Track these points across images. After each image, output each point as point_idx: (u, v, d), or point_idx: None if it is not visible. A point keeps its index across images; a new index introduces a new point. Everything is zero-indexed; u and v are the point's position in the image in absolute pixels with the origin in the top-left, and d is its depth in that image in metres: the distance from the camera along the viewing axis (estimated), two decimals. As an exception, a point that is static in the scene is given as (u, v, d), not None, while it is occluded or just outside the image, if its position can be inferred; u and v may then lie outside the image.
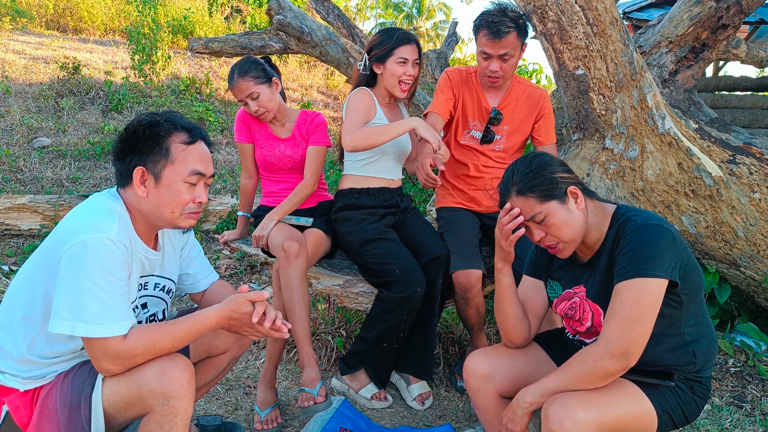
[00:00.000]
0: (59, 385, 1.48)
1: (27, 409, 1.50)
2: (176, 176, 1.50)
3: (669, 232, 1.47)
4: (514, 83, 2.53)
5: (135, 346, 1.41)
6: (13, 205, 4.04)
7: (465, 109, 2.53)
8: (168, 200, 1.50)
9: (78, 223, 1.41)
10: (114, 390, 1.43)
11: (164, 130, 1.49)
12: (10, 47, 8.86)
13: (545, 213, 1.54)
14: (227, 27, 10.86)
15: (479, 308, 2.41)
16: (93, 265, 1.36)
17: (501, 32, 2.24)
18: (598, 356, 1.46)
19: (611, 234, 1.57)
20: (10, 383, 1.50)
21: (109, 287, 1.39)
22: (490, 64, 2.34)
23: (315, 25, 4.70)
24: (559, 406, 1.43)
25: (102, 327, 1.37)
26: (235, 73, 2.45)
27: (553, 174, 1.55)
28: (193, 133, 1.53)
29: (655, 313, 1.44)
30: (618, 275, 1.48)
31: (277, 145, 2.56)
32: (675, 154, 2.71)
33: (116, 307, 1.40)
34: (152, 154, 1.48)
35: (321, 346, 2.80)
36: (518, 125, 2.52)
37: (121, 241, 1.43)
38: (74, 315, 1.36)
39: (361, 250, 2.40)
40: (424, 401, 2.49)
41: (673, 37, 3.02)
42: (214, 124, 6.85)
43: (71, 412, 1.43)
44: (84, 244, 1.36)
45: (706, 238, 2.80)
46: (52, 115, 6.47)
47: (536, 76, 6.74)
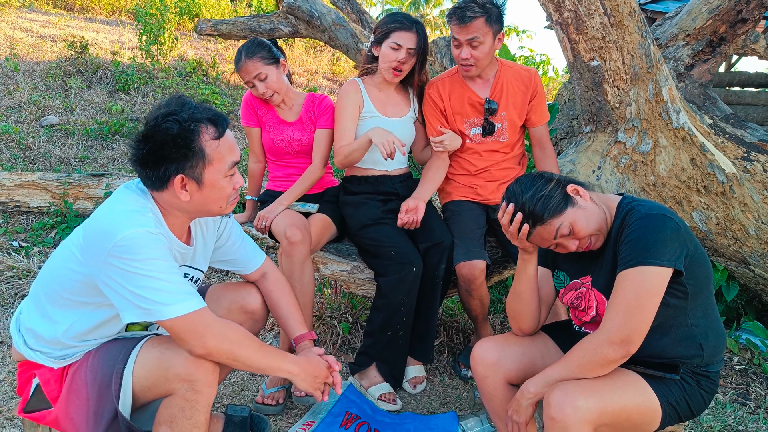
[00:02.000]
0: (89, 361, 1.50)
1: (57, 383, 1.52)
2: (217, 174, 1.49)
3: (673, 221, 1.47)
4: (501, 68, 2.45)
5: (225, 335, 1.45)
6: (23, 182, 4.03)
7: (456, 114, 2.47)
8: (215, 197, 1.51)
9: (113, 222, 1.40)
10: (144, 366, 1.45)
11: (193, 133, 1.44)
12: (18, 25, 8.82)
13: (568, 223, 1.54)
14: (233, 9, 10.81)
15: (483, 299, 2.41)
16: (143, 257, 1.36)
17: (466, 17, 2.23)
18: (599, 344, 1.46)
19: (616, 224, 1.57)
20: (40, 359, 1.52)
21: (165, 273, 1.40)
22: (461, 52, 2.32)
23: (325, 9, 4.66)
24: (560, 393, 1.44)
25: (176, 306, 1.39)
26: (242, 54, 2.42)
27: (551, 190, 1.55)
28: (219, 124, 1.50)
29: (657, 301, 1.44)
30: (621, 264, 1.49)
31: (284, 128, 2.54)
32: (688, 150, 2.69)
33: (180, 287, 1.42)
34: (187, 159, 1.44)
35: (327, 331, 2.81)
36: (515, 109, 2.46)
37: (159, 233, 1.44)
38: (146, 303, 1.37)
39: (359, 233, 2.44)
40: (417, 385, 2.51)
41: (691, 30, 2.98)
42: (220, 107, 6.82)
43: (101, 386, 1.44)
44: (127, 239, 1.36)
45: (716, 235, 2.79)
46: (59, 94, 6.45)
47: (543, 68, 6.70)
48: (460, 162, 2.54)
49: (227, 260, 1.85)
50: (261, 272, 1.88)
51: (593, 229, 1.56)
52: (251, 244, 1.89)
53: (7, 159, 4.87)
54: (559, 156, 2.92)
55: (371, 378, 2.41)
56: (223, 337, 1.44)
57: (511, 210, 1.58)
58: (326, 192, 2.65)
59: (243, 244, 1.86)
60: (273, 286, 1.86)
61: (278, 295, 1.85)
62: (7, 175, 4.11)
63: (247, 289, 1.83)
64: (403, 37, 2.35)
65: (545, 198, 1.54)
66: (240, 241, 1.85)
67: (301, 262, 2.25)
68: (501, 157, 2.51)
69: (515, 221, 1.57)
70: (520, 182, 1.61)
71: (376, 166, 2.53)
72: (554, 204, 1.54)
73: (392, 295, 2.31)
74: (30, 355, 1.53)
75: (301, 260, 2.25)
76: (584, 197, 1.57)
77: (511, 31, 9.17)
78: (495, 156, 2.50)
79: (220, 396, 2.34)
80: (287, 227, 2.26)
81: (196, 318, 1.41)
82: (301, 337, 1.80)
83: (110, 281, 1.38)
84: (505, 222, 1.60)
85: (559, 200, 1.54)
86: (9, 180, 4.04)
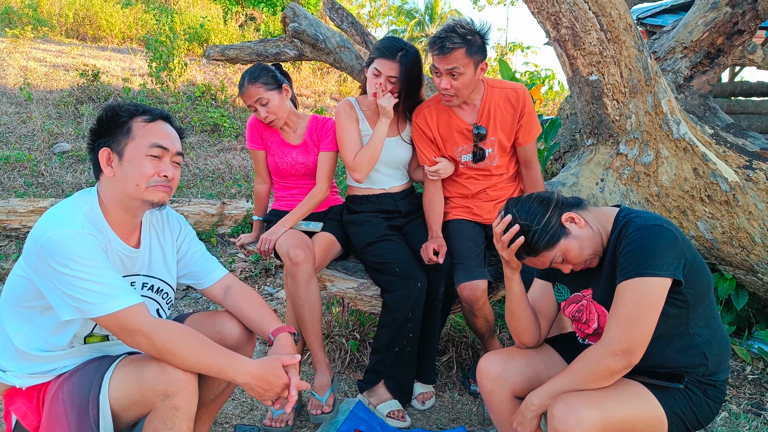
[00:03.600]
0: (65, 386, 1.50)
1: (33, 413, 1.52)
2: (138, 150, 1.53)
3: (669, 232, 1.48)
4: (487, 91, 2.38)
5: (158, 332, 1.43)
6: (35, 208, 4.12)
7: (446, 142, 2.46)
8: (132, 174, 1.53)
9: (43, 225, 1.44)
10: (120, 387, 1.45)
11: (126, 112, 1.55)
12: (32, 55, 9.04)
13: (561, 253, 1.58)
14: (242, 35, 10.99)
15: (488, 317, 2.40)
16: (66, 258, 1.38)
17: (445, 48, 2.17)
18: (601, 355, 1.47)
19: (613, 236, 1.59)
20: (10, 380, 1.52)
21: (92, 271, 1.41)
22: (441, 81, 2.27)
23: (329, 32, 4.75)
24: (564, 405, 1.45)
25: (105, 304, 1.40)
26: (245, 79, 2.46)
27: (545, 223, 1.57)
28: (154, 113, 1.59)
29: (657, 311, 1.45)
30: (619, 275, 1.50)
31: (288, 152, 2.58)
32: (690, 160, 2.71)
33: (110, 284, 1.42)
34: (115, 135, 1.54)
35: (335, 349, 2.82)
36: (504, 132, 2.41)
37: (88, 232, 1.45)
38: (76, 302, 1.40)
39: (363, 251, 2.47)
40: (425, 401, 2.51)
41: (688, 43, 3.02)
42: (228, 129, 6.93)
43: (80, 412, 1.44)
44: (50, 240, 1.39)
45: (722, 243, 2.79)
46: (72, 121, 6.58)
47: (549, 82, 6.75)
48: (455, 186, 2.54)
49: (188, 272, 1.81)
50: (224, 286, 1.81)
51: (587, 255, 1.59)
52: (211, 257, 1.87)
53: (20, 186, 4.97)
54: (562, 169, 2.95)
55: (380, 395, 2.41)
56: (156, 332, 1.42)
57: (507, 220, 1.60)
58: (330, 210, 2.68)
59: (203, 255, 1.83)
60: (237, 295, 1.78)
61: (244, 302, 1.76)
62: (20, 201, 4.19)
63: (221, 319, 1.75)
64: (384, 65, 2.35)
65: (540, 231, 1.56)
66: (200, 252, 1.83)
67: (306, 281, 2.28)
68: (496, 179, 2.50)
69: (510, 231, 1.60)
70: (518, 207, 1.62)
71: (374, 186, 2.56)
72: (548, 237, 1.56)
73: (398, 311, 2.32)
74: (2, 377, 1.53)
75: (305, 280, 2.27)
76: (579, 224, 1.59)
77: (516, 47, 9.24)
78: (490, 179, 2.49)
79: (228, 415, 2.36)
80: (290, 248, 2.28)
81: (127, 315, 1.41)
82: (278, 330, 1.69)
83: (45, 280, 1.41)
84: (499, 231, 1.62)
85: (553, 233, 1.56)
86: (22, 206, 4.13)
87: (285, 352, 1.61)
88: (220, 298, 1.81)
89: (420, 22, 27.79)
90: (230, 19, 11.48)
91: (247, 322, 1.74)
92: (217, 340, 1.63)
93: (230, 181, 5.59)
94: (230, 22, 11.32)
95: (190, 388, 1.45)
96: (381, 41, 2.45)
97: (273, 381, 1.50)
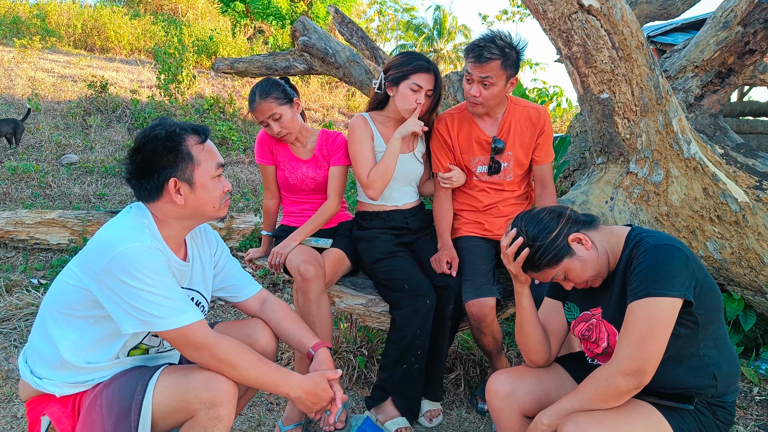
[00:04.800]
0: (104, 392, 1.52)
1: (69, 419, 1.53)
2: (206, 175, 1.59)
3: (681, 252, 1.48)
4: (510, 107, 2.44)
5: (221, 345, 1.50)
6: (43, 219, 4.12)
7: (464, 152, 2.49)
8: (207, 199, 1.60)
9: (111, 238, 1.47)
10: (164, 394, 1.48)
11: (180, 137, 1.58)
12: (40, 66, 9.11)
13: (563, 272, 1.59)
14: (250, 47, 11.07)
15: (495, 335, 2.39)
16: (139, 271, 1.42)
17: (483, 57, 2.22)
18: (611, 375, 1.46)
19: (625, 256, 1.58)
20: (47, 387, 1.54)
21: (163, 285, 1.46)
22: (471, 88, 2.31)
23: (339, 46, 4.77)
24: (573, 426, 1.44)
25: (174, 319, 1.46)
26: (256, 95, 2.45)
27: (551, 240, 1.58)
28: (201, 132, 1.63)
29: (668, 332, 1.44)
30: (630, 295, 1.49)
31: (299, 166, 2.58)
32: (700, 179, 2.70)
33: (179, 299, 1.48)
34: (177, 163, 1.56)
35: (343, 365, 2.81)
36: (522, 148, 2.46)
37: (156, 248, 1.50)
38: (144, 316, 1.44)
39: (372, 267, 2.47)
40: (433, 419, 2.49)
41: (699, 62, 3.02)
42: (236, 143, 6.95)
43: (119, 418, 1.46)
44: (122, 254, 1.42)
45: (731, 264, 2.77)
46: (80, 133, 6.62)
47: (557, 99, 6.77)
48: (466, 198, 2.55)
49: (225, 286, 1.87)
50: (261, 299, 1.90)
51: (588, 276, 1.59)
52: (245, 272, 1.93)
53: (27, 197, 4.98)
54: (572, 187, 2.94)
55: (387, 412, 2.39)
56: (219, 346, 1.50)
57: (512, 234, 1.62)
58: (340, 226, 2.68)
59: (238, 269, 1.90)
60: (276, 308, 1.87)
61: (283, 316, 1.85)
62: (27, 213, 4.20)
63: (253, 325, 1.83)
64: (423, 78, 2.37)
65: (545, 248, 1.57)
66: (235, 266, 1.89)
67: (317, 297, 2.27)
68: (508, 195, 2.51)
69: (515, 244, 1.60)
70: (527, 221, 1.63)
71: (386, 202, 2.56)
72: (551, 255, 1.57)
73: (406, 328, 2.31)
74: (37, 383, 1.55)
75: (316, 296, 2.27)
76: (586, 245, 1.58)
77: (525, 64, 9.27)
78: (502, 193, 2.51)
79: (236, 431, 2.34)
80: (301, 263, 2.28)
81: (192, 330, 1.48)
82: (317, 345, 1.79)
83: (109, 293, 1.44)
84: (505, 244, 1.64)
85: (558, 251, 1.57)
86: (29, 218, 4.13)
87: (326, 367, 1.73)
88: (256, 311, 1.89)
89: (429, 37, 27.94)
90: (239, 32, 11.57)
91: (285, 335, 1.84)
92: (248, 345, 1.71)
93: (238, 195, 5.59)
94: (239, 35, 11.41)
95: (234, 401, 1.51)
96: (405, 57, 2.44)
97: (321, 395, 1.62)
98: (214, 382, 1.48)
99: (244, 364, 1.52)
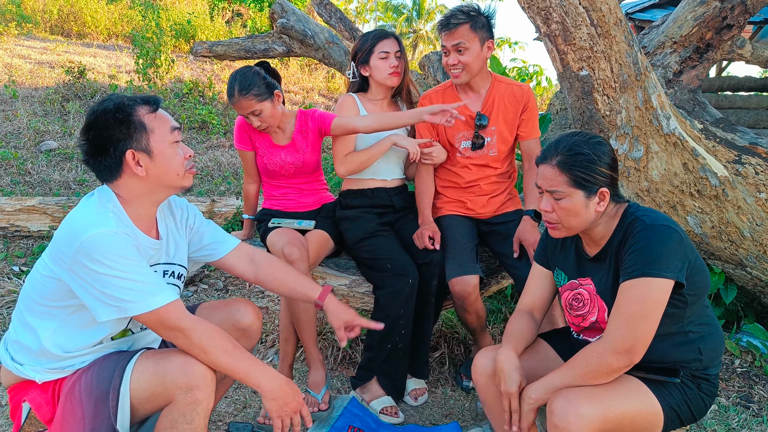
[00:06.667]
0: (83, 378, 1.51)
1: (49, 405, 1.52)
2: (163, 141, 1.55)
3: (677, 233, 1.49)
4: (494, 83, 2.50)
5: (195, 329, 1.48)
6: (23, 207, 4.07)
7: (447, 129, 2.50)
8: (169, 166, 1.56)
9: (76, 226, 1.44)
10: (141, 379, 1.47)
11: (130, 108, 1.54)
12: (16, 52, 8.91)
13: (566, 195, 1.57)
14: (228, 31, 10.92)
15: (479, 313, 2.40)
16: (105, 257, 1.40)
17: (450, 24, 2.33)
18: (602, 352, 1.48)
19: (619, 232, 1.59)
20: (28, 374, 1.53)
21: (130, 269, 1.43)
22: (448, 59, 2.40)
23: (318, 28, 4.72)
24: (564, 401, 1.45)
25: (147, 301, 1.44)
26: (235, 90, 2.37)
27: (599, 170, 1.56)
28: (152, 102, 1.59)
29: (660, 312, 1.46)
30: (624, 274, 1.50)
31: (277, 152, 2.56)
32: (680, 155, 2.72)
33: (148, 282, 1.46)
34: (131, 134, 1.51)
35: (327, 346, 2.82)
36: (506, 124, 2.50)
37: (123, 231, 1.47)
38: (116, 302, 1.42)
39: (355, 247, 2.48)
40: (418, 397, 2.51)
41: (678, 38, 3.03)
42: (217, 126, 6.88)
43: (97, 404, 1.45)
44: (87, 242, 1.40)
45: (711, 238, 2.81)
46: (58, 119, 6.51)
47: (537, 78, 6.76)
48: (448, 175, 2.57)
49: (203, 245, 1.83)
50: (247, 256, 1.87)
51: (569, 222, 1.59)
52: (221, 229, 1.90)
53: (7, 185, 4.90)
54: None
55: (373, 392, 2.41)
56: (193, 330, 1.48)
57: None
58: (323, 208, 2.67)
59: (214, 228, 1.87)
60: (268, 265, 1.86)
61: (280, 272, 1.85)
62: (7, 200, 4.14)
63: (236, 305, 1.81)
64: (386, 44, 2.49)
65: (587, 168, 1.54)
66: (210, 226, 1.86)
67: None
68: (491, 171, 2.53)
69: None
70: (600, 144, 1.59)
71: (381, 176, 2.58)
72: (580, 178, 1.55)
73: (390, 308, 2.32)
74: (18, 370, 1.54)
75: None
76: (599, 207, 1.58)
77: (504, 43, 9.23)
78: (485, 170, 2.52)
79: (222, 413, 2.35)
80: (285, 245, 2.27)
81: (166, 312, 1.46)
82: (323, 294, 1.83)
83: (80, 281, 1.42)
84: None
85: (586, 182, 1.55)
86: (9, 205, 4.07)
87: (341, 312, 1.81)
88: (246, 269, 1.85)
89: (408, 18, 27.74)
90: (217, 15, 11.39)
91: (288, 290, 1.85)
92: (232, 328, 1.72)
93: (219, 179, 5.55)
94: (217, 18, 11.24)
95: (212, 384, 1.49)
96: (361, 38, 2.57)
97: (293, 398, 1.57)
98: (189, 366, 1.46)
99: (216, 350, 1.48)
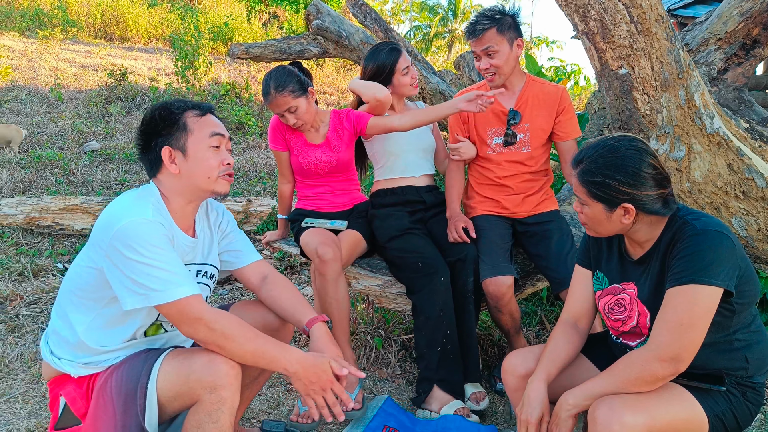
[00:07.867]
0: (114, 375, 1.54)
1: (83, 399, 1.56)
2: (200, 143, 1.60)
3: (729, 240, 1.43)
4: (528, 83, 2.52)
5: (217, 320, 1.49)
6: (66, 206, 4.20)
7: (479, 123, 2.53)
8: (201, 169, 1.60)
9: (114, 213, 1.49)
10: (167, 379, 1.49)
11: (177, 108, 1.61)
12: (62, 56, 9.23)
13: (588, 204, 1.57)
14: (265, 33, 11.07)
15: (513, 314, 2.37)
16: (138, 244, 1.44)
17: (477, 30, 2.36)
18: (647, 360, 1.43)
19: (667, 236, 1.53)
20: (65, 368, 1.57)
21: (161, 258, 1.46)
22: (481, 63, 2.42)
23: (353, 29, 4.74)
24: (607, 409, 1.41)
25: (170, 291, 1.45)
26: (270, 87, 2.41)
27: (617, 188, 1.50)
28: (203, 107, 1.64)
29: (709, 320, 1.41)
30: (672, 280, 1.45)
31: (312, 151, 2.58)
32: (724, 155, 2.63)
33: (177, 273, 1.48)
34: (172, 132, 1.59)
35: (360, 346, 2.82)
36: (539, 122, 2.49)
37: (158, 221, 1.51)
38: (142, 289, 1.44)
39: (387, 245, 2.48)
40: (479, 401, 2.39)
41: (722, 34, 2.93)
42: (253, 128, 6.98)
43: (126, 401, 1.48)
44: (124, 228, 1.44)
45: (757, 241, 2.71)
46: (101, 120, 6.71)
47: (575, 77, 6.65)
48: (481, 171, 2.57)
49: (228, 251, 1.85)
50: (262, 274, 1.86)
51: (597, 228, 1.59)
52: (249, 241, 1.93)
53: (52, 184, 5.07)
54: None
55: (439, 399, 2.31)
56: (215, 322, 1.48)
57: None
58: (355, 208, 2.68)
59: (243, 237, 1.90)
60: (273, 285, 1.84)
61: (279, 292, 1.81)
62: (51, 199, 4.28)
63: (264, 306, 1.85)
64: (403, 61, 2.61)
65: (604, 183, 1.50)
66: (240, 234, 1.89)
67: (335, 279, 2.27)
68: (524, 169, 2.51)
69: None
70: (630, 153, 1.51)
71: (409, 174, 2.61)
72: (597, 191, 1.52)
73: (428, 310, 2.30)
74: (56, 363, 1.58)
75: (334, 277, 2.27)
76: (624, 219, 1.53)
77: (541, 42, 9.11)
78: (517, 167, 2.51)
79: (255, 411, 2.37)
80: (318, 245, 2.28)
81: (187, 303, 1.47)
82: (313, 320, 1.73)
83: (113, 267, 1.46)
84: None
85: (604, 195, 1.52)
86: (54, 204, 4.22)
87: (324, 343, 1.68)
88: (256, 285, 1.86)
89: (443, 18, 27.60)
90: (254, 18, 11.57)
91: (281, 311, 1.80)
92: (261, 327, 1.71)
93: (255, 179, 5.62)
94: (254, 20, 11.42)
95: (236, 383, 1.49)
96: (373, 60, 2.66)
97: (321, 375, 1.54)
98: (215, 366, 1.46)
99: (240, 337, 1.48)
